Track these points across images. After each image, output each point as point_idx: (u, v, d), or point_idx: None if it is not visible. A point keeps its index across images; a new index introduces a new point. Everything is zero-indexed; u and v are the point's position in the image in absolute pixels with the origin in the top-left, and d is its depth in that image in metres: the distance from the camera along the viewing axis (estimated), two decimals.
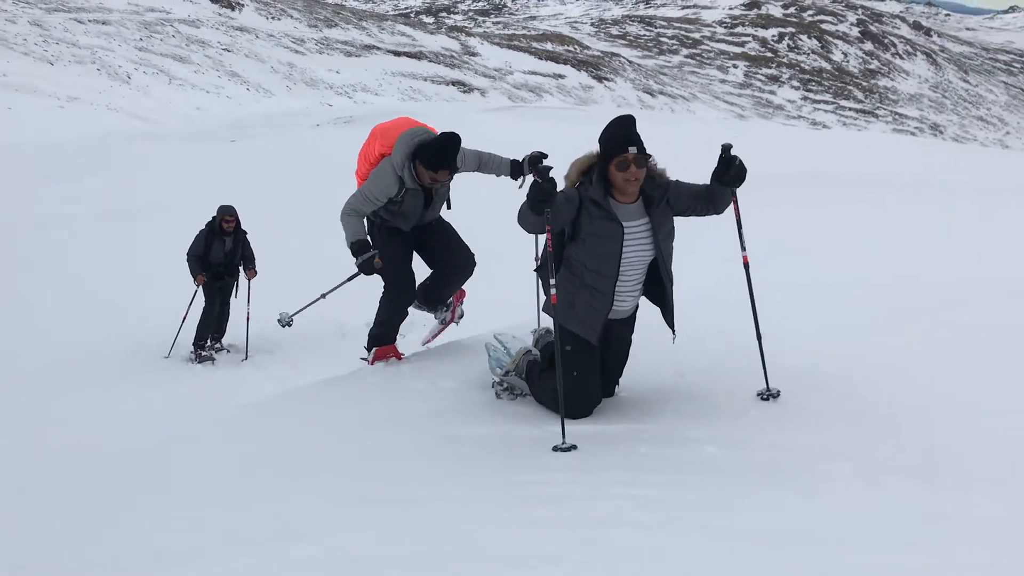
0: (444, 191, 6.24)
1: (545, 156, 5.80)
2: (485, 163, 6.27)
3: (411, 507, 3.95)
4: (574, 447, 4.39)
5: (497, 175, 6.36)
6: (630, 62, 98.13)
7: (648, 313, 5.14)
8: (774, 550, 3.41)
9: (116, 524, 4.27)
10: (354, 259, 6.00)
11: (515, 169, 6.22)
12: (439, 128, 6.09)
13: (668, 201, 4.77)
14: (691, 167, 6.44)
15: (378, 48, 75.92)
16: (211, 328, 9.74)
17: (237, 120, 37.96)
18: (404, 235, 6.27)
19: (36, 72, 50.48)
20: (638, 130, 4.65)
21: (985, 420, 4.57)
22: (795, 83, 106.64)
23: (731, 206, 4.92)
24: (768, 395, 4.93)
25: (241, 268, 9.99)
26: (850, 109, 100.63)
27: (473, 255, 6.49)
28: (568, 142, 7.23)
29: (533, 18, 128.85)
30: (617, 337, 5.04)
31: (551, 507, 3.79)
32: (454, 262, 6.45)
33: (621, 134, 4.61)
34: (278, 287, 9.78)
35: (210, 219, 9.82)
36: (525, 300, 6.62)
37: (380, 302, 6.46)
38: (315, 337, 9.87)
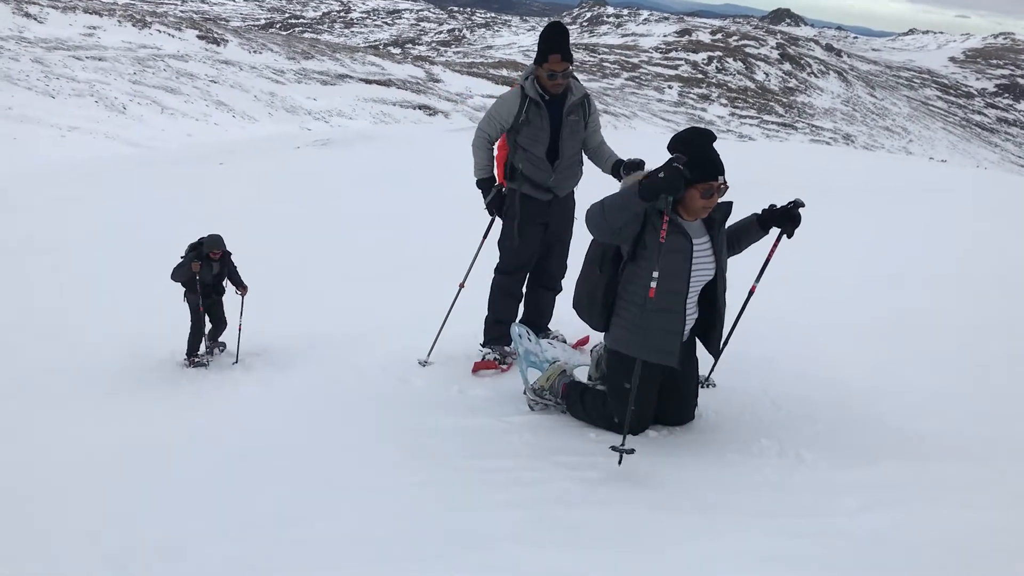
0: (578, 129, 5.51)
1: (643, 163, 5.22)
2: (599, 144, 5.65)
3: (386, 494, 3.94)
4: (632, 450, 3.93)
5: (602, 168, 5.66)
6: None
7: None
8: (706, 518, 3.46)
9: (118, 519, 4.21)
10: (484, 199, 5.60)
11: (615, 168, 5.50)
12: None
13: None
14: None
15: (351, 77, 75.49)
16: (200, 338, 9.52)
17: (225, 145, 37.59)
18: (539, 214, 5.61)
19: (39, 105, 49.67)
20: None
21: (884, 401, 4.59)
22: (723, 101, 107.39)
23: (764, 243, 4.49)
24: (706, 383, 4.86)
25: (228, 287, 9.73)
26: (773, 123, 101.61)
27: (560, 278, 5.91)
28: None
29: (490, 47, 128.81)
30: (687, 357, 4.43)
31: (509, 490, 3.80)
32: (543, 270, 5.87)
33: (712, 159, 4.03)
34: (266, 295, 9.66)
35: (195, 243, 9.24)
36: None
37: (491, 286, 5.89)
38: (302, 344, 9.74)
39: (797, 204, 4.34)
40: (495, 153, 5.73)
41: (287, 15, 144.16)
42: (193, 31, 73.50)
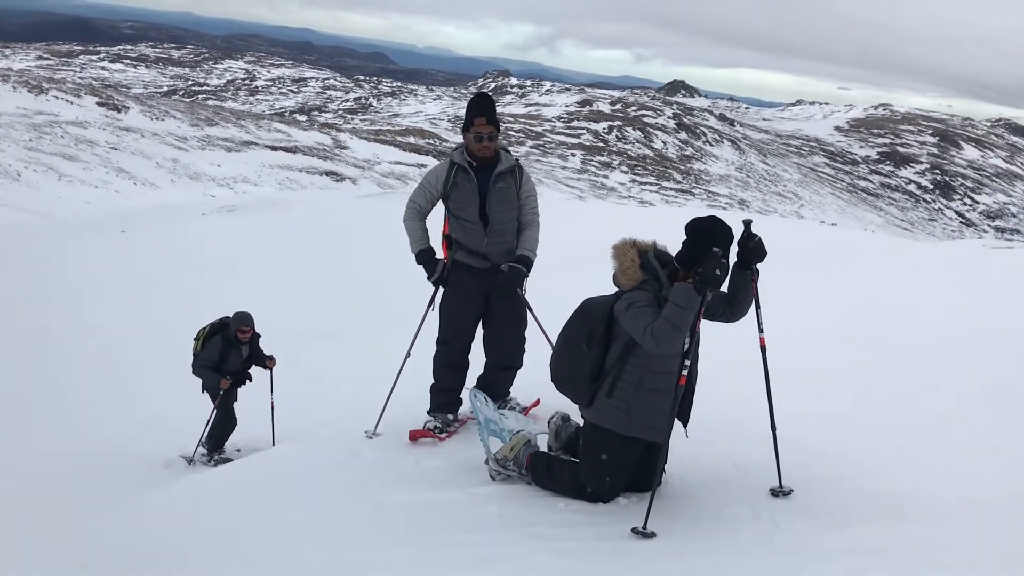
0: (508, 196, 5.48)
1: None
2: (527, 224, 5.56)
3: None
4: (654, 534, 3.90)
5: (516, 241, 5.58)
6: None
7: None
8: None
9: None
10: (425, 271, 5.58)
11: (518, 261, 5.50)
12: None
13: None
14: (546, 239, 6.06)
15: (256, 144, 74.58)
16: (230, 431, 8.58)
17: (126, 212, 36.51)
18: (475, 283, 5.57)
19: None
20: None
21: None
22: (624, 168, 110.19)
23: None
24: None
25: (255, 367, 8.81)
26: (671, 189, 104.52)
27: (521, 336, 5.79)
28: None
29: (396, 115, 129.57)
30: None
31: (486, 568, 3.60)
32: (497, 344, 5.76)
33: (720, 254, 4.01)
34: (175, 369, 9.19)
35: (218, 325, 8.42)
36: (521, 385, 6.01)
37: (433, 357, 5.78)
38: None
39: (747, 226, 4.31)
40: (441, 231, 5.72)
41: (190, 82, 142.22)
42: (93, 98, 71.70)
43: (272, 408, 8.20)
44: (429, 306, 5.89)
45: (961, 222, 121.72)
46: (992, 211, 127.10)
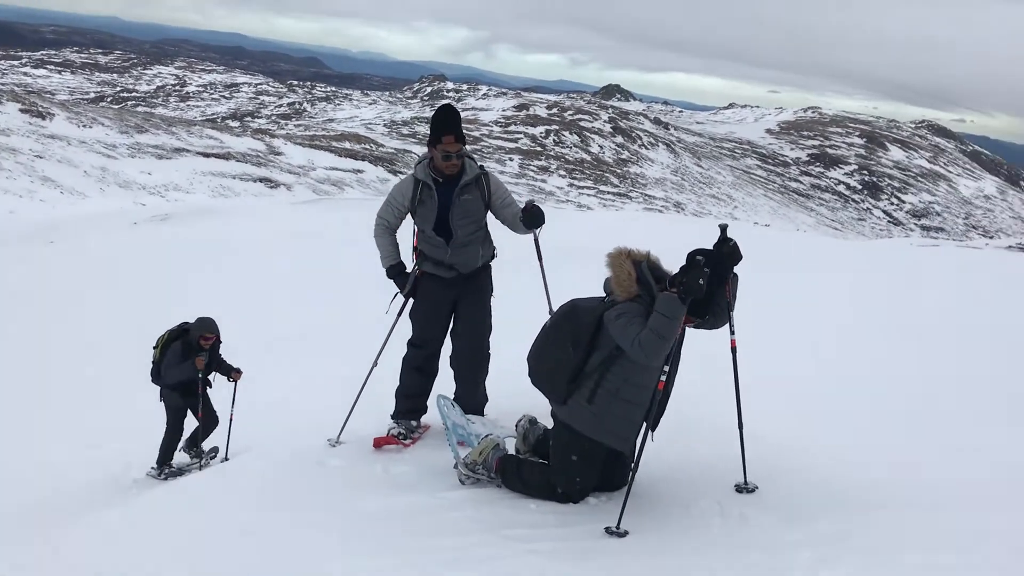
0: (473, 207, 5.52)
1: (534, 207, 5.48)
2: (514, 215, 5.61)
3: None
4: (627, 532, 4.01)
5: (512, 228, 5.70)
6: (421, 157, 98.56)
7: None
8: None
9: None
10: (395, 285, 5.69)
11: (519, 221, 5.57)
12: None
13: None
14: None
15: (188, 150, 73.21)
16: (177, 443, 8.31)
17: (53, 222, 35.42)
18: (442, 291, 5.65)
19: None
20: None
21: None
22: (562, 172, 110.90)
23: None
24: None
25: (216, 378, 8.46)
26: (609, 193, 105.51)
27: (483, 347, 5.81)
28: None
29: (331, 120, 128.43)
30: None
31: (465, 570, 3.61)
32: (460, 343, 5.79)
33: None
34: (105, 379, 8.98)
35: (177, 331, 8.13)
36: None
37: (402, 359, 5.83)
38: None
39: (723, 230, 4.31)
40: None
41: (119, 88, 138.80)
42: (15, 104, 69.56)
43: (231, 421, 8.03)
44: (398, 317, 5.91)
45: (889, 221, 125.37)
46: (918, 210, 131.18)
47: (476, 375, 5.90)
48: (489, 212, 5.69)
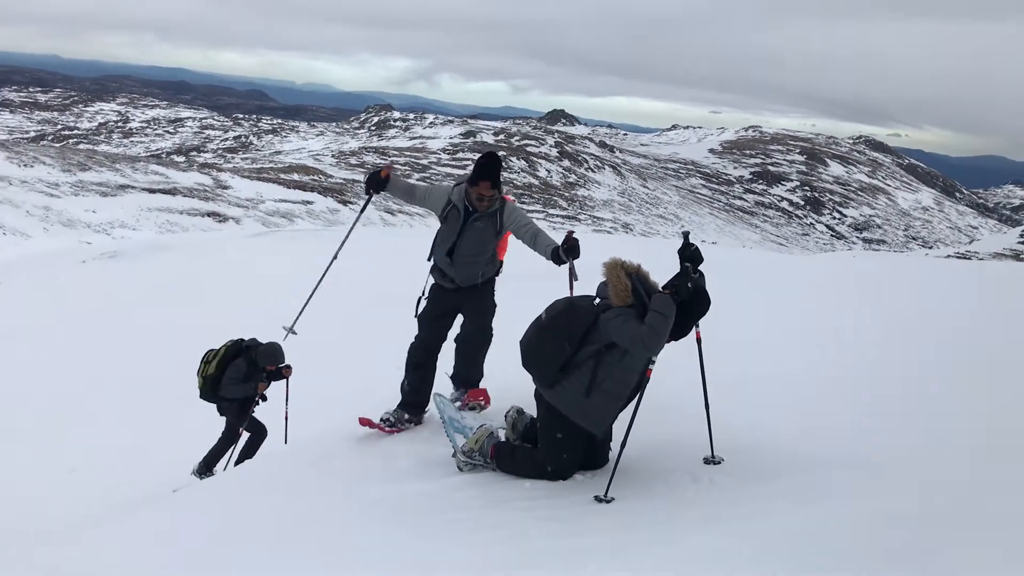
0: (483, 233, 6.19)
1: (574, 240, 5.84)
2: (534, 235, 6.16)
3: (362, 552, 4.17)
4: (613, 499, 4.56)
5: (544, 255, 6.09)
6: None
7: None
8: (659, 531, 3.92)
9: None
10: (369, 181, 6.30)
11: (554, 253, 5.96)
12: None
13: None
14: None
15: (133, 187, 72.35)
16: (224, 454, 8.46)
17: None
18: (445, 298, 6.36)
19: None
20: None
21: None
22: (511, 197, 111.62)
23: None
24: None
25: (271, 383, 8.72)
26: (557, 216, 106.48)
27: (485, 330, 6.40)
28: (324, 259, 7.17)
29: (279, 152, 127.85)
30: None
31: (480, 533, 4.20)
32: (465, 327, 6.42)
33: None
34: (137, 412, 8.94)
35: (233, 349, 8.38)
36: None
37: (408, 348, 6.46)
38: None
39: (686, 236, 4.95)
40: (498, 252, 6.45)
41: (59, 126, 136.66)
42: None
43: (286, 418, 8.43)
44: (361, 212, 7.30)
45: (832, 235, 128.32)
46: (859, 223, 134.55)
47: (477, 352, 6.48)
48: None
